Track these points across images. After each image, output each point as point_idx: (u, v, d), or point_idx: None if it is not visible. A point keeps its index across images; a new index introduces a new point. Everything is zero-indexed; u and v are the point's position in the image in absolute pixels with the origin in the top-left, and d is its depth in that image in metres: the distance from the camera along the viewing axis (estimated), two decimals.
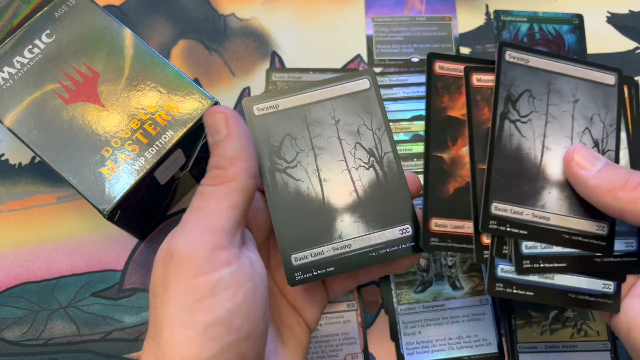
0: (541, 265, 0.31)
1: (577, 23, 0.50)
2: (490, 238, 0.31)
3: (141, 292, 0.43)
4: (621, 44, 0.49)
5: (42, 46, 0.39)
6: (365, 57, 0.49)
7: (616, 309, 0.31)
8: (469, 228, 0.31)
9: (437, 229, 0.31)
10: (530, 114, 0.32)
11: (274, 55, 0.49)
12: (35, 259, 0.43)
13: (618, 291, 0.31)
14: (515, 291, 0.31)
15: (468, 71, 0.32)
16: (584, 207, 0.31)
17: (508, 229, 0.31)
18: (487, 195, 0.31)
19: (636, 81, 0.33)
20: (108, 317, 0.42)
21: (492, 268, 0.31)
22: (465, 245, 0.31)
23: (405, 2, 0.51)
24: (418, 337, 0.41)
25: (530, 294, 0.31)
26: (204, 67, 0.48)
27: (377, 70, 0.48)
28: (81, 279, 0.43)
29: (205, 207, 0.28)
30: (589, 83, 0.33)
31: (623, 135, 0.32)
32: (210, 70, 0.48)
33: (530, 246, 0.31)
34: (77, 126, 0.37)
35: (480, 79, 0.32)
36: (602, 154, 0.32)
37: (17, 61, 0.38)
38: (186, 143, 0.38)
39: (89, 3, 0.40)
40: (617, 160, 0.32)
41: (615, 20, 0.50)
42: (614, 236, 0.32)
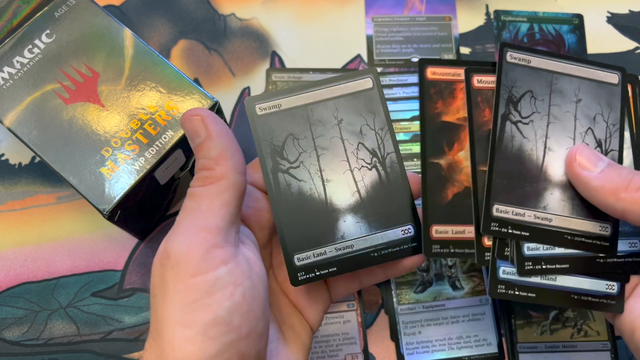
0: (543, 267, 0.31)
1: (577, 23, 0.50)
2: (491, 240, 0.31)
3: (141, 292, 0.43)
4: (621, 44, 0.49)
5: (42, 46, 0.39)
6: (365, 57, 0.49)
7: (620, 309, 0.31)
8: (470, 233, 0.31)
9: (438, 235, 0.31)
10: (532, 114, 0.32)
11: (274, 55, 0.49)
12: (35, 259, 0.43)
13: (622, 292, 0.31)
14: (517, 293, 0.31)
15: (469, 72, 0.32)
16: (586, 208, 0.31)
17: (510, 230, 0.31)
18: (489, 197, 0.31)
19: (639, 79, 0.33)
20: (108, 317, 0.42)
21: (493, 270, 0.31)
22: (467, 250, 0.31)
23: (405, 2, 0.51)
24: (418, 337, 0.41)
25: (532, 295, 0.31)
26: (204, 67, 0.48)
27: (377, 70, 0.48)
28: (81, 279, 0.43)
29: (197, 208, 0.28)
30: (591, 82, 0.32)
31: (627, 134, 0.32)
32: (210, 70, 0.48)
33: (532, 248, 0.31)
34: (77, 126, 0.37)
35: (481, 80, 0.32)
36: (605, 154, 0.32)
37: (17, 61, 0.38)
38: (186, 143, 0.38)
39: (89, 3, 0.40)
40: (621, 160, 0.32)
41: (615, 20, 0.50)
42: (617, 237, 0.31)
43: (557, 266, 0.31)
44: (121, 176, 0.36)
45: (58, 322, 0.42)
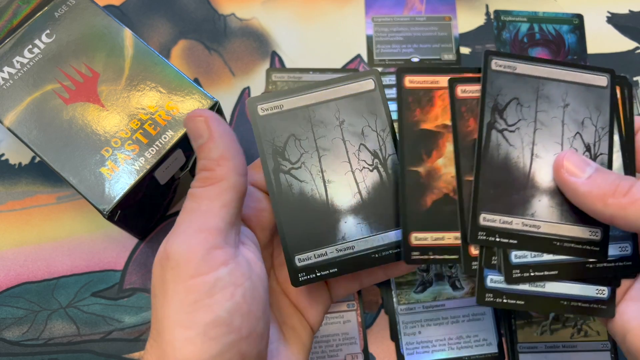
0: (531, 274, 0.31)
1: (577, 23, 0.50)
2: (478, 249, 0.31)
3: (141, 292, 0.43)
4: (621, 44, 0.49)
5: (42, 46, 0.39)
6: (365, 57, 0.49)
7: (611, 314, 0.31)
8: (449, 239, 0.31)
9: (418, 242, 0.31)
10: (518, 122, 0.31)
11: (274, 55, 0.49)
12: (35, 259, 0.43)
13: (613, 296, 0.31)
14: (505, 301, 0.30)
15: (452, 83, 0.32)
16: (575, 214, 0.31)
17: (497, 239, 0.30)
18: (475, 206, 0.31)
19: (629, 81, 0.33)
20: (108, 317, 0.42)
21: (481, 279, 0.31)
22: (447, 257, 0.31)
23: (405, 2, 0.51)
24: (418, 337, 0.41)
25: (521, 303, 0.31)
26: (204, 67, 0.48)
27: (378, 70, 0.48)
28: (81, 279, 0.43)
29: (197, 208, 0.28)
30: (579, 86, 0.32)
31: (616, 137, 0.32)
32: (210, 70, 0.48)
33: (519, 255, 0.31)
34: (77, 126, 0.37)
35: (465, 90, 0.32)
36: (594, 158, 0.31)
37: (17, 61, 0.38)
38: (186, 143, 0.38)
39: (89, 3, 0.40)
40: (610, 164, 0.32)
41: (615, 20, 0.50)
42: (608, 241, 0.31)
43: (546, 273, 0.31)
44: (121, 176, 0.36)
45: (58, 322, 0.42)
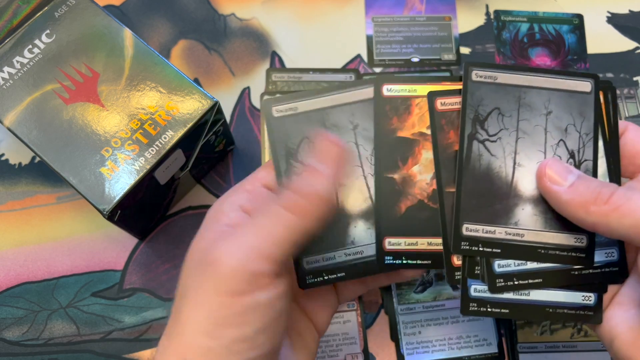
0: (515, 283, 0.30)
1: (577, 23, 0.50)
2: (460, 259, 0.31)
3: (141, 292, 0.43)
4: (621, 44, 0.49)
5: (42, 46, 0.39)
6: (365, 57, 0.49)
7: (598, 320, 0.31)
8: (422, 244, 0.31)
9: (391, 247, 0.31)
10: (499, 132, 0.31)
11: (274, 55, 0.49)
12: (35, 259, 0.43)
13: (599, 302, 0.31)
14: (490, 310, 0.30)
15: (432, 96, 0.32)
16: (560, 221, 0.30)
17: (481, 248, 0.30)
18: (458, 217, 0.30)
19: (613, 85, 0.32)
20: (108, 317, 0.42)
21: (464, 289, 0.31)
22: (420, 262, 0.31)
23: (405, 2, 0.51)
24: (418, 337, 0.41)
25: (505, 311, 0.30)
26: (204, 67, 0.48)
27: (377, 70, 0.48)
28: (81, 279, 0.43)
29: (266, 229, 0.27)
30: (562, 93, 0.32)
31: (601, 143, 0.32)
32: (210, 70, 0.48)
33: (502, 265, 0.31)
34: (77, 126, 0.37)
35: (445, 102, 0.32)
36: (578, 164, 0.31)
37: (17, 61, 0.38)
38: (186, 143, 0.38)
39: (89, 3, 0.40)
40: (595, 169, 0.31)
41: (615, 20, 0.50)
42: (594, 248, 0.31)
43: (530, 281, 0.30)
44: (121, 176, 0.36)
45: (58, 322, 0.42)
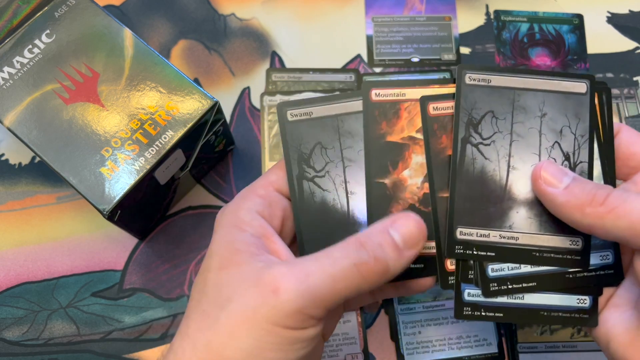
0: (509, 287, 0.30)
1: (577, 23, 0.50)
2: (454, 264, 0.31)
3: (141, 292, 0.43)
4: (621, 44, 0.49)
5: (42, 46, 0.39)
6: (365, 57, 0.49)
7: (594, 323, 0.30)
8: None
9: None
10: (493, 135, 0.31)
11: (274, 55, 0.49)
12: (35, 259, 0.43)
13: (595, 305, 0.31)
14: (484, 314, 0.30)
15: (424, 101, 0.31)
16: (555, 224, 0.30)
17: (474, 252, 0.30)
18: (452, 221, 0.30)
19: (608, 86, 0.32)
20: (108, 317, 0.42)
21: (458, 293, 0.30)
22: (413, 266, 0.31)
23: (405, 2, 0.51)
24: (418, 337, 0.41)
25: (499, 315, 0.30)
26: (204, 67, 0.48)
27: (377, 70, 0.48)
28: (81, 279, 0.43)
29: (332, 278, 0.26)
30: (557, 95, 0.31)
31: (596, 144, 0.31)
32: (210, 70, 0.48)
33: (496, 269, 0.30)
34: (77, 126, 0.37)
35: (437, 107, 0.31)
36: (574, 166, 0.31)
37: (17, 61, 0.38)
38: (186, 143, 0.38)
39: (89, 3, 0.40)
40: (591, 171, 0.31)
41: (615, 20, 0.50)
42: (589, 250, 0.31)
43: (524, 285, 0.30)
44: (121, 176, 0.36)
45: (58, 322, 0.42)
